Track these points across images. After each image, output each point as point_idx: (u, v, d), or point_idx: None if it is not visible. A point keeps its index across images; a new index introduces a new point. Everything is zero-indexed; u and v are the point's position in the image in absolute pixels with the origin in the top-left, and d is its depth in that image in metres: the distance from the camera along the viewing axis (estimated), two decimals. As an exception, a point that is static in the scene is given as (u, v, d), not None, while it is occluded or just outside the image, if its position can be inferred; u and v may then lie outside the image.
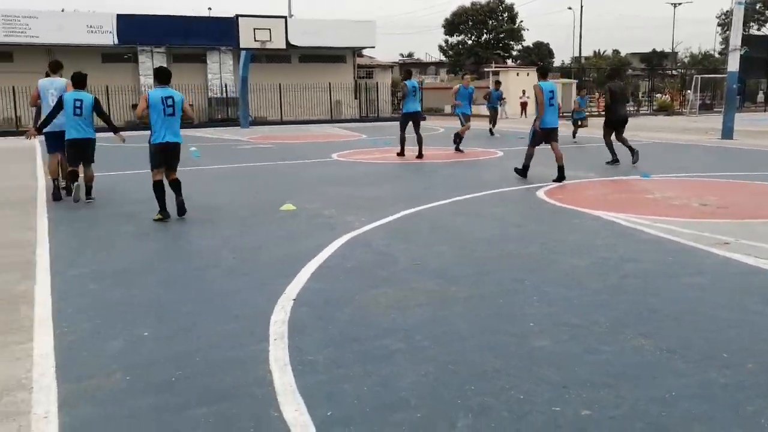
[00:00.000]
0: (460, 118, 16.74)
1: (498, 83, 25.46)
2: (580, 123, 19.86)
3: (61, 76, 9.87)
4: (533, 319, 4.30)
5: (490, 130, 22.53)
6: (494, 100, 23.25)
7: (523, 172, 10.97)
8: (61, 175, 9.74)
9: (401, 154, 14.85)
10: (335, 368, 3.57)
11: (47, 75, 9.94)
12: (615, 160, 13.07)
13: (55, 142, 9.59)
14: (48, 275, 5.51)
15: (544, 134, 10.78)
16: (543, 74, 11.31)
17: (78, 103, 9.00)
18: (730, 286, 4.99)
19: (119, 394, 3.30)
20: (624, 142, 13.22)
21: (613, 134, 13.25)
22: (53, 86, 9.55)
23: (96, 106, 9.25)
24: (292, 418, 3.03)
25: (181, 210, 7.97)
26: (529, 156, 10.97)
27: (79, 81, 9.19)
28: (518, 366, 3.57)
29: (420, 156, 14.51)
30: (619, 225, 7.18)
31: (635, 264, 5.62)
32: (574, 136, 19.94)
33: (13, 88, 27.53)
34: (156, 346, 3.93)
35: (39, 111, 9.85)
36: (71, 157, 9.18)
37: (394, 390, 3.30)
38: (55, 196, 9.49)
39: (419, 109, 14.99)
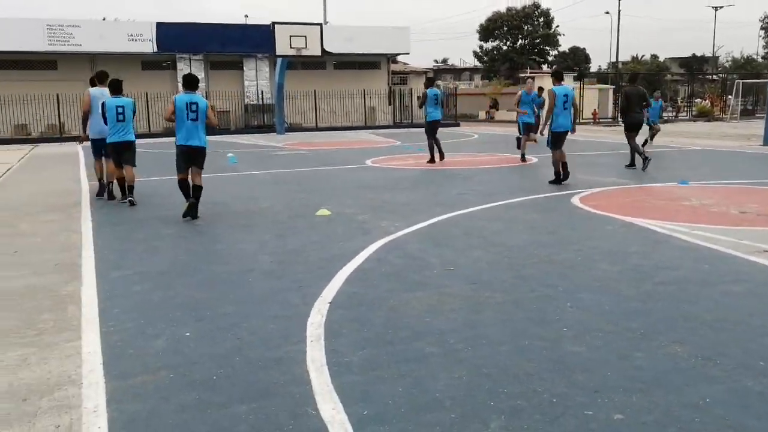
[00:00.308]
0: (519, 128, 15.45)
1: (540, 89, 25.07)
2: (652, 127, 17.94)
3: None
4: (566, 324, 4.33)
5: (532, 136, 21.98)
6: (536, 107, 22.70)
7: (556, 179, 11.07)
8: (104, 176, 10.41)
9: (432, 161, 15.00)
10: (370, 369, 3.65)
11: (93, 84, 10.49)
12: (646, 158, 13.02)
13: (99, 148, 10.29)
14: (93, 277, 5.72)
15: (558, 136, 11.05)
16: (558, 78, 11.49)
17: (120, 109, 9.54)
18: (768, 293, 4.95)
19: (164, 390, 3.44)
20: (634, 146, 13.36)
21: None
22: (103, 96, 10.02)
23: (134, 110, 9.84)
24: (329, 416, 3.12)
25: (193, 212, 8.35)
26: (556, 162, 11.15)
27: (116, 88, 9.72)
28: (550, 370, 3.61)
29: (442, 158, 14.92)
30: (654, 232, 7.13)
31: (670, 271, 5.60)
32: (645, 143, 17.34)
33: (57, 95, 28.28)
34: (197, 346, 4.06)
35: (86, 119, 10.36)
36: (115, 159, 9.80)
37: (428, 391, 3.37)
38: (99, 193, 10.38)
39: (440, 117, 15.12)
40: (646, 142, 17.62)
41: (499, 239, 6.95)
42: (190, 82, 8.35)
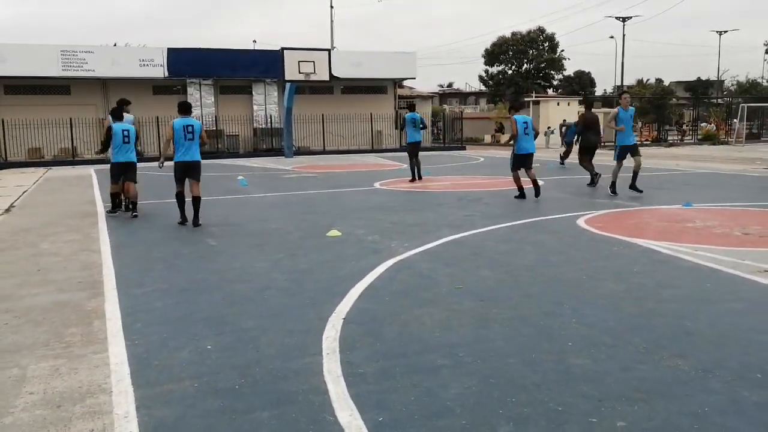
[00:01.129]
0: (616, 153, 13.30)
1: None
2: None
3: (128, 112, 11.89)
4: (571, 339, 4.50)
5: (562, 160, 21.65)
6: (571, 134, 21.94)
7: (520, 195, 12.39)
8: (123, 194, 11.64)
9: (413, 180, 16.25)
10: (384, 380, 3.84)
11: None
12: (594, 177, 14.51)
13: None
14: (116, 293, 5.94)
15: (522, 158, 12.47)
16: (517, 109, 13.22)
17: (126, 133, 10.94)
18: (768, 311, 5.09)
19: (189, 398, 3.64)
20: (589, 165, 14.82)
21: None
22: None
23: (137, 135, 11.26)
24: (346, 422, 3.31)
25: (195, 222, 9.66)
26: (516, 179, 12.54)
27: (119, 114, 11.22)
28: (556, 381, 3.78)
29: (420, 179, 16.28)
30: (658, 252, 7.29)
31: (673, 290, 5.75)
32: None
33: (71, 119, 28.78)
34: (219, 357, 4.27)
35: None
36: (116, 175, 11.14)
37: (439, 400, 3.55)
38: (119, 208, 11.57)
39: (420, 138, 16.49)
40: None
41: (506, 259, 7.14)
42: (184, 108, 9.96)
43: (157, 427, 3.30)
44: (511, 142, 12.63)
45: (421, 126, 16.47)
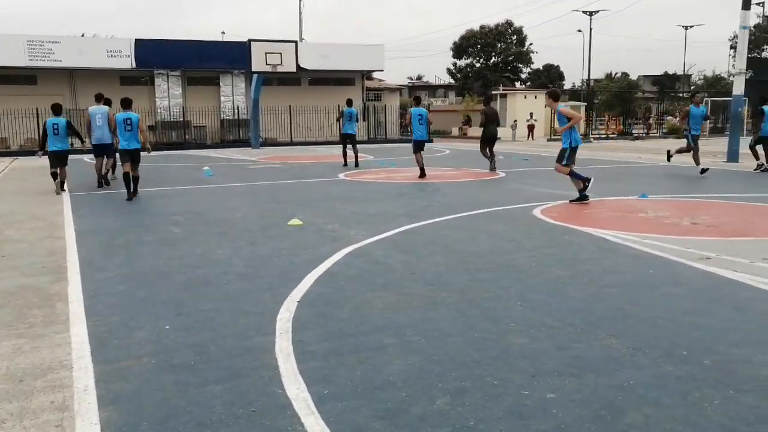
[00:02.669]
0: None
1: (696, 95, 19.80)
2: None
3: (105, 104, 13.69)
4: (514, 320, 4.75)
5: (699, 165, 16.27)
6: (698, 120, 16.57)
7: (422, 174, 15.18)
8: (102, 171, 13.83)
9: (345, 165, 18.72)
10: (332, 357, 4.06)
11: (98, 101, 13.64)
12: (493, 168, 16.82)
13: (98, 152, 13.69)
14: (79, 278, 6.08)
15: (417, 144, 15.34)
16: (417, 102, 16.32)
17: (55, 126, 12.84)
18: (704, 296, 5.38)
19: (146, 373, 3.83)
20: (491, 154, 17.06)
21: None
22: (99, 112, 13.40)
23: (68, 127, 13.01)
24: (293, 394, 3.53)
25: (133, 194, 11.64)
26: (418, 161, 15.34)
27: (57, 110, 12.93)
28: (495, 358, 4.03)
29: (357, 165, 18.46)
30: (607, 241, 7.59)
31: (616, 276, 6.05)
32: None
33: (37, 109, 28.38)
34: (176, 337, 4.45)
35: (89, 130, 13.53)
36: (52, 162, 12.85)
37: (383, 375, 3.78)
38: (99, 183, 13.81)
39: (354, 131, 18.74)
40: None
41: (459, 246, 7.39)
42: (125, 104, 11.82)
43: (115, 399, 3.48)
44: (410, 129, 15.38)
45: (355, 120, 19.00)
